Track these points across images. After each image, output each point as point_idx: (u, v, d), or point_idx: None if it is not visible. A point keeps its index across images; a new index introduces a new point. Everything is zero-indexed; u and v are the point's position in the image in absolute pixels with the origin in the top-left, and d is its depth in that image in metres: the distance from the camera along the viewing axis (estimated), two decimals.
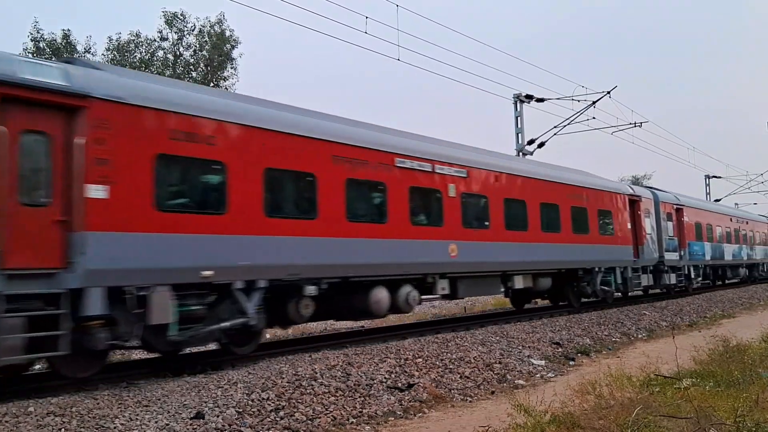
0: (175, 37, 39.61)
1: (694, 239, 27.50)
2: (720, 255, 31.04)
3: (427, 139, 14.69)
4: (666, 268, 24.24)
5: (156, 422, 6.78)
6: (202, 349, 11.89)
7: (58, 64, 8.73)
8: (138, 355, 12.19)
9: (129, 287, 8.51)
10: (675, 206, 25.89)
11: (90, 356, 8.54)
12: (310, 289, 11.12)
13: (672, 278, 24.76)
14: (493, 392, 9.48)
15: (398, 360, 9.97)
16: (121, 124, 8.63)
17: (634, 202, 22.34)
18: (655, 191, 25.18)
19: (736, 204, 53.68)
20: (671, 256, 24.53)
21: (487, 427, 6.73)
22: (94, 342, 8.24)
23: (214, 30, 39.87)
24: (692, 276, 26.92)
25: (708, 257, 29.17)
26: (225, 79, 40.37)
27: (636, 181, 61.75)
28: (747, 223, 37.23)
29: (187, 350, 11.17)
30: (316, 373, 8.77)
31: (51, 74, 8.21)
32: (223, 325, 9.80)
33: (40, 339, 7.67)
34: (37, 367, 10.51)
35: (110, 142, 8.47)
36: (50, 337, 7.75)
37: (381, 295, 12.36)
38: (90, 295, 8.10)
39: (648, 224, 22.93)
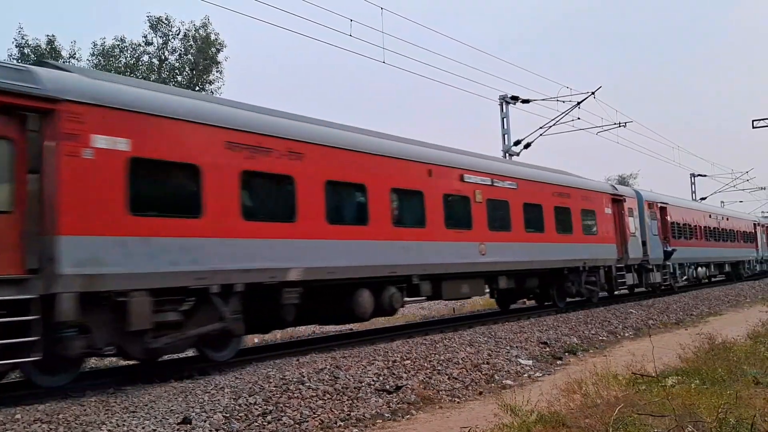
0: (160, 41, 39.51)
1: None
2: None
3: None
4: None
5: (143, 428, 6.76)
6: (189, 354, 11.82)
7: None
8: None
9: None
10: None
11: None
12: None
13: None
14: (481, 393, 9.49)
15: (386, 362, 9.97)
16: None
17: (760, 225, 43.50)
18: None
19: (722, 202, 54.09)
20: None
21: (469, 429, 6.74)
22: None
23: (199, 34, 39.77)
24: None
25: None
26: (211, 82, 40.32)
27: (622, 181, 62.07)
28: None
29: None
30: (304, 377, 8.76)
31: None
32: None
33: None
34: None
35: None
36: None
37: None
38: None
39: (765, 237, 44.14)
